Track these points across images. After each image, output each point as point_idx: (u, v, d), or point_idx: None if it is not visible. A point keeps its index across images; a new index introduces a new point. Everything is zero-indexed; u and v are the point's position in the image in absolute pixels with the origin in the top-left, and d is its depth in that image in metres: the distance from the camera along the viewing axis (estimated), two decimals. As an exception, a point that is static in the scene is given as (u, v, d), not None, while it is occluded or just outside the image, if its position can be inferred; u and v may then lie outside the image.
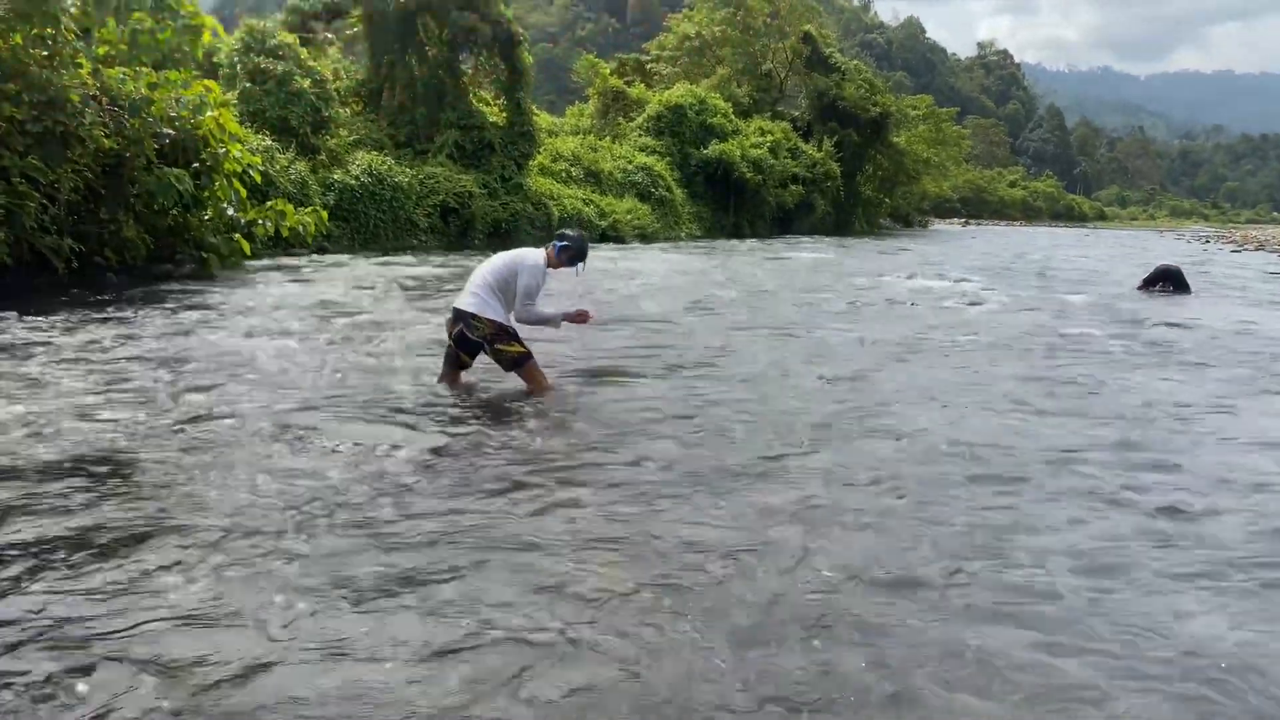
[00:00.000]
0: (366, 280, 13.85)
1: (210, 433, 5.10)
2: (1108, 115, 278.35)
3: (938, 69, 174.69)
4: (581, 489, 4.42)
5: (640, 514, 4.09)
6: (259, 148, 18.50)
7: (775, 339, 9.34)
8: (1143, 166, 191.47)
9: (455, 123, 26.58)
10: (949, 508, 4.28)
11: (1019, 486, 4.65)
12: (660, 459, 4.91)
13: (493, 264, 6.16)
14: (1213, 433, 5.87)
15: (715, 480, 4.58)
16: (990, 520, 4.14)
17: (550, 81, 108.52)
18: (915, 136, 58.25)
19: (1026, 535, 3.98)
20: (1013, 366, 8.08)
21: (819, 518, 4.10)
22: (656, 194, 34.06)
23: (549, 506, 4.14)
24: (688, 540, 3.79)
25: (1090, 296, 14.53)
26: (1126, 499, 4.49)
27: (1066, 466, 4.99)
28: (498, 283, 6.04)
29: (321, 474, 4.46)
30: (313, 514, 3.92)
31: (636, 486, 4.47)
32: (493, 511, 4.06)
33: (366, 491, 4.23)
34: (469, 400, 6.11)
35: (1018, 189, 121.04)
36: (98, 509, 3.89)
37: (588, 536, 3.81)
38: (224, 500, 4.05)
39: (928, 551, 3.76)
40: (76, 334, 8.02)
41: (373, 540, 3.68)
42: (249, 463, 4.61)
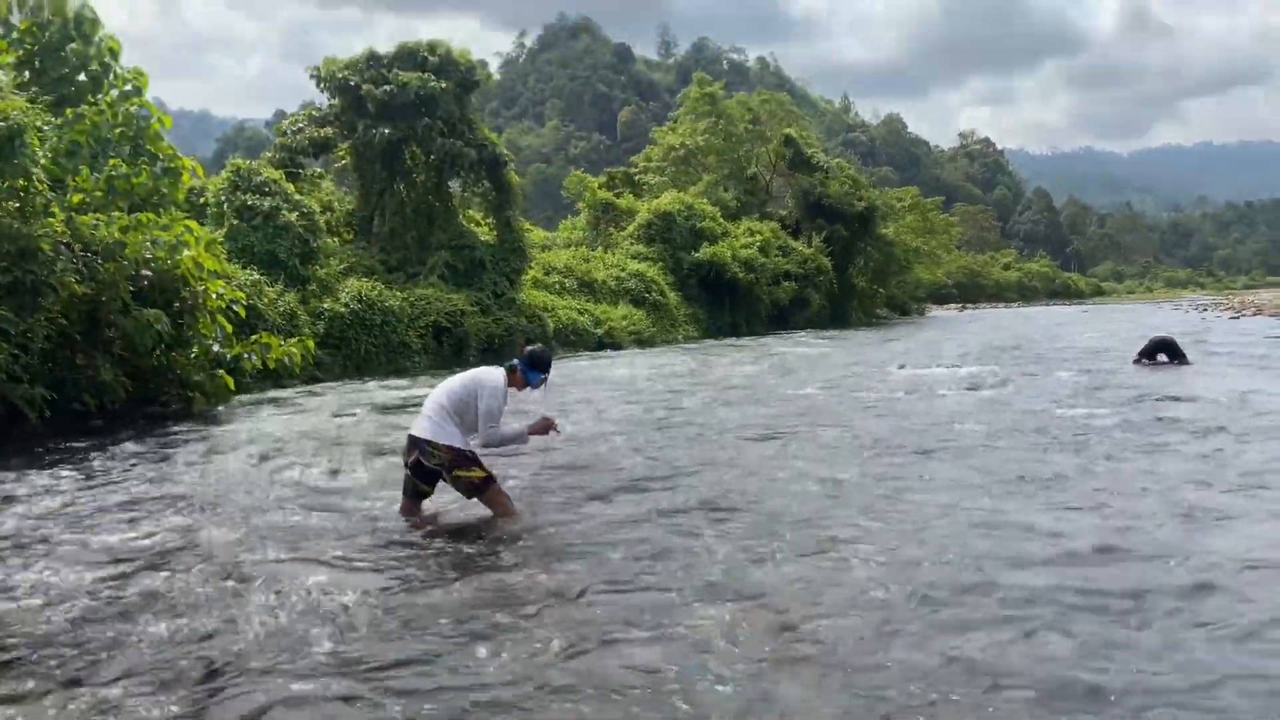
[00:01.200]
0: (350, 408, 13.65)
1: (161, 582, 4.79)
2: (1095, 193, 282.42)
3: (922, 161, 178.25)
4: (547, 631, 4.08)
5: (607, 659, 3.76)
6: (246, 282, 18.56)
7: (770, 438, 9.04)
8: (1134, 241, 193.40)
9: (446, 244, 26.82)
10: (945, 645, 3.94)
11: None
12: (640, 596, 4.58)
13: (449, 386, 5.88)
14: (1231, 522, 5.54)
15: (679, 612, 4.25)
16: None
17: (546, 199, 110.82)
18: (903, 227, 58.87)
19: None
20: (1015, 458, 7.76)
21: (802, 655, 3.76)
22: (651, 298, 34.17)
23: (514, 649, 3.81)
24: (647, 686, 3.45)
25: (1088, 375, 14.25)
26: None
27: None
28: (454, 406, 5.77)
29: (274, 624, 4.14)
30: (258, 671, 3.59)
31: (601, 626, 4.13)
32: (450, 662, 3.73)
33: (316, 637, 3.91)
34: (430, 532, 5.80)
35: (1012, 271, 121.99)
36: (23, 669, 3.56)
37: (554, 686, 3.48)
38: (165, 653, 3.72)
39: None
40: (33, 484, 7.76)
41: (321, 691, 3.35)
42: (192, 614, 4.29)
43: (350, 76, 26.41)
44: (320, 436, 10.46)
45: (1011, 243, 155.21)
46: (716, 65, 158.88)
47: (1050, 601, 4.13)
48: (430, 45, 27.44)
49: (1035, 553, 4.87)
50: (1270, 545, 4.93)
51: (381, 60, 27.01)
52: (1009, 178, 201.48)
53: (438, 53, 27.28)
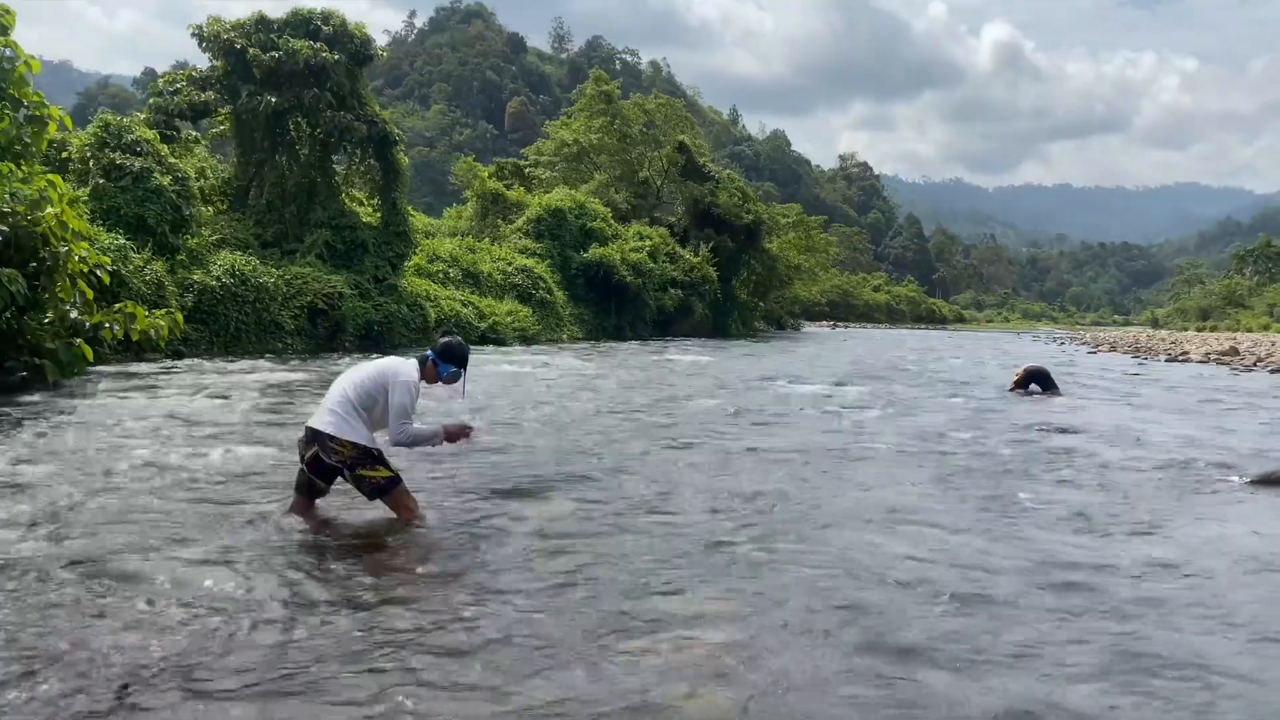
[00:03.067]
0: (219, 388, 12.81)
1: (12, 584, 4.20)
2: (961, 224, 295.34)
3: (803, 179, 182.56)
4: (457, 664, 3.72)
5: (506, 684, 3.43)
6: (110, 247, 17.35)
7: (668, 450, 8.82)
8: (996, 272, 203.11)
9: (326, 222, 25.78)
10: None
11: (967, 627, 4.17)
12: (547, 607, 4.25)
13: (355, 378, 5.37)
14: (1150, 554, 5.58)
15: (600, 634, 3.96)
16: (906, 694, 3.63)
17: (426, 184, 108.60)
18: (786, 243, 60.03)
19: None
20: (913, 478, 7.75)
21: (725, 670, 3.52)
22: (537, 295, 33.72)
23: (419, 677, 3.44)
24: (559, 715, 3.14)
25: (970, 400, 14.60)
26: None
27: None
28: (361, 399, 5.30)
29: (140, 638, 3.65)
30: (118, 692, 3.12)
31: (511, 647, 3.80)
32: (345, 689, 3.33)
33: (193, 660, 3.45)
34: (324, 536, 5.33)
35: (881, 293, 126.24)
36: None
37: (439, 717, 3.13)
38: (14, 675, 3.20)
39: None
40: None
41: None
42: (46, 624, 3.75)
43: (236, 39, 25.07)
44: (190, 418, 9.71)
45: (882, 265, 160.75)
46: (610, 65, 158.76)
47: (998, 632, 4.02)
48: (324, 14, 26.30)
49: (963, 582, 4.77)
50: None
51: (271, 25, 25.74)
52: (884, 202, 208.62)
53: (331, 23, 26.18)
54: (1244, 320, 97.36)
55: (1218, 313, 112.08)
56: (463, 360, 5.55)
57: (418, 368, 5.42)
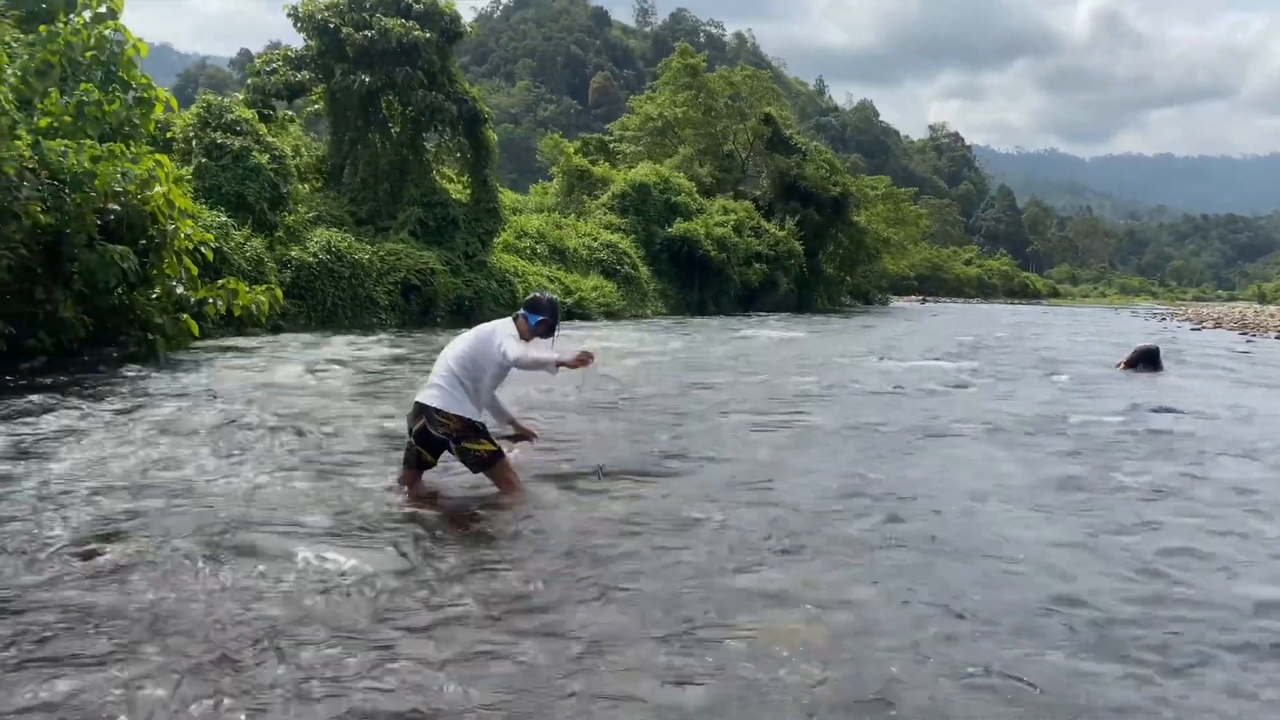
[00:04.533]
0: (319, 362, 13.12)
1: (122, 557, 4.36)
2: (1056, 195, 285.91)
3: (891, 151, 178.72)
4: (559, 638, 3.73)
5: (620, 670, 3.41)
6: (213, 224, 17.87)
7: (757, 428, 8.74)
8: (1092, 245, 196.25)
9: (418, 199, 26.15)
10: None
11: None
12: (651, 590, 4.24)
13: (456, 349, 5.46)
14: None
15: (711, 620, 3.92)
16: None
17: (513, 161, 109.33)
18: (875, 216, 58.96)
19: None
20: (1023, 460, 7.53)
21: (845, 674, 3.45)
22: (622, 271, 33.76)
23: (525, 652, 3.45)
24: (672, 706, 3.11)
25: (1075, 377, 14.14)
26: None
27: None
28: (465, 369, 5.36)
29: (255, 610, 3.74)
30: (244, 664, 3.20)
31: (617, 631, 3.79)
32: (452, 663, 3.36)
33: (309, 636, 3.52)
34: (431, 508, 5.41)
35: (973, 267, 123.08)
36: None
37: (563, 707, 3.13)
38: (130, 652, 3.31)
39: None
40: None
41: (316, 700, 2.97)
42: (164, 598, 3.87)
43: (330, 19, 25.50)
44: (292, 391, 9.97)
45: (973, 238, 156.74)
46: (694, 37, 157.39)
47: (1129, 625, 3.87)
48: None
49: (1083, 568, 4.61)
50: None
51: (364, 4, 26.10)
52: (975, 173, 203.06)
53: (422, 1, 26.42)
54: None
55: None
56: (550, 312, 5.55)
57: (514, 326, 5.47)
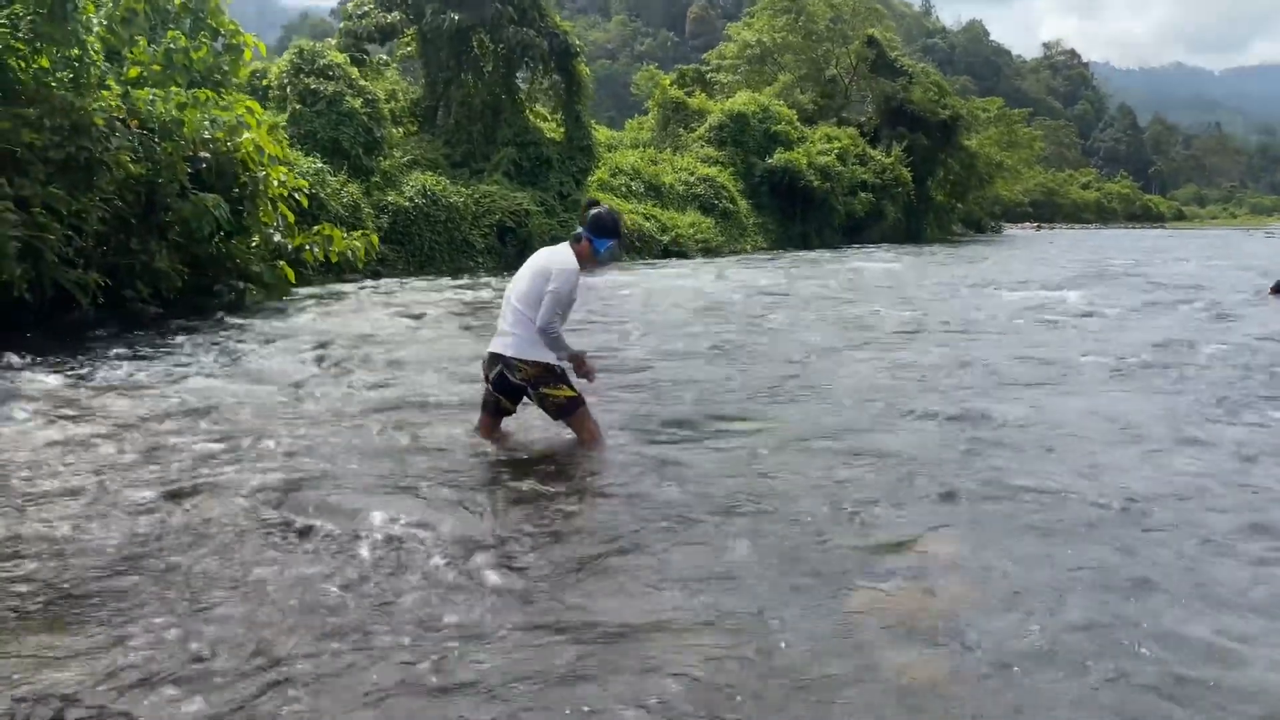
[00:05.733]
0: (416, 307, 12.97)
1: (199, 515, 4.12)
2: (1181, 112, 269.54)
3: (1003, 72, 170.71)
4: (630, 602, 3.32)
5: (731, 633, 2.98)
6: (309, 170, 17.86)
7: (873, 364, 8.16)
8: (1220, 163, 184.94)
9: (512, 140, 25.83)
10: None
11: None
12: (739, 544, 3.80)
13: (520, 287, 5.07)
14: None
15: (827, 575, 3.46)
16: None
17: (610, 98, 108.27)
18: (986, 140, 56.22)
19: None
20: (1158, 400, 6.80)
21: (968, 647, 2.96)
22: (720, 206, 32.92)
23: (625, 606, 3.06)
24: (798, 668, 2.67)
25: (1212, 306, 13.05)
26: None
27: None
28: (532, 307, 4.97)
29: (334, 571, 3.44)
30: (324, 633, 2.89)
31: (701, 584, 3.36)
32: (547, 632, 2.99)
33: (397, 595, 3.19)
34: (512, 458, 5.06)
35: (1091, 191, 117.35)
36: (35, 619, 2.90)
37: (675, 683, 2.72)
38: (201, 621, 3.03)
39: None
40: (74, 376, 7.17)
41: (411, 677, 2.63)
42: (242, 561, 3.60)
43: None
44: (388, 339, 9.79)
45: (1091, 161, 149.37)
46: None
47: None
48: (504, -74, 25.94)
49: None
50: None
51: (452, -59, 25.62)
52: (1093, 92, 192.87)
53: (511, -65, 25.80)
54: None
55: None
56: (615, 231, 5.15)
57: (575, 255, 5.04)
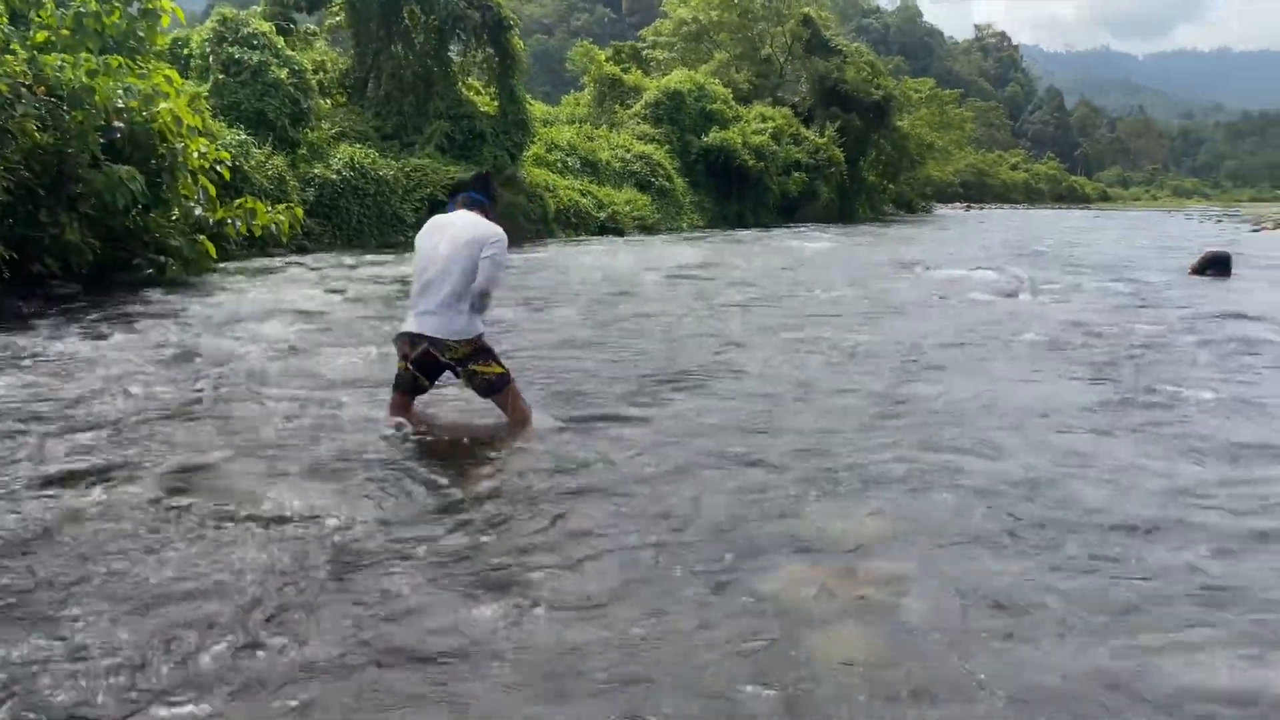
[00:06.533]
0: (342, 283, 12.69)
1: (96, 501, 3.95)
2: (1107, 95, 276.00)
3: (935, 53, 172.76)
4: (582, 582, 3.26)
5: (657, 627, 2.94)
6: (232, 142, 17.33)
7: (795, 345, 8.17)
8: (1144, 146, 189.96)
9: (444, 113, 25.37)
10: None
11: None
12: (667, 526, 3.76)
13: (443, 262, 4.82)
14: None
15: (749, 557, 3.43)
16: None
17: (546, 73, 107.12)
18: (918, 120, 56.99)
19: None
20: (1084, 376, 6.92)
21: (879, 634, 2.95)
22: (656, 183, 32.84)
23: (542, 600, 2.99)
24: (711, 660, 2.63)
25: (1137, 284, 13.35)
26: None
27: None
28: (463, 281, 4.81)
29: (244, 561, 3.31)
30: (230, 625, 2.77)
31: (629, 569, 3.32)
32: (462, 619, 2.91)
33: (309, 585, 3.08)
34: (429, 440, 4.94)
35: (1019, 172, 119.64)
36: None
37: (582, 670, 2.66)
38: (99, 608, 2.89)
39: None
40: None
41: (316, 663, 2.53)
42: (141, 546, 3.45)
43: (348, -76, 24.48)
44: (314, 316, 9.55)
45: (1020, 142, 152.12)
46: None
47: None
48: (434, -105, 25.37)
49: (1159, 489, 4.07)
50: None
51: (382, -93, 25.00)
52: (1022, 74, 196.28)
53: (443, -98, 25.25)
54: None
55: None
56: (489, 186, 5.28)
57: (490, 220, 5.06)
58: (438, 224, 5.04)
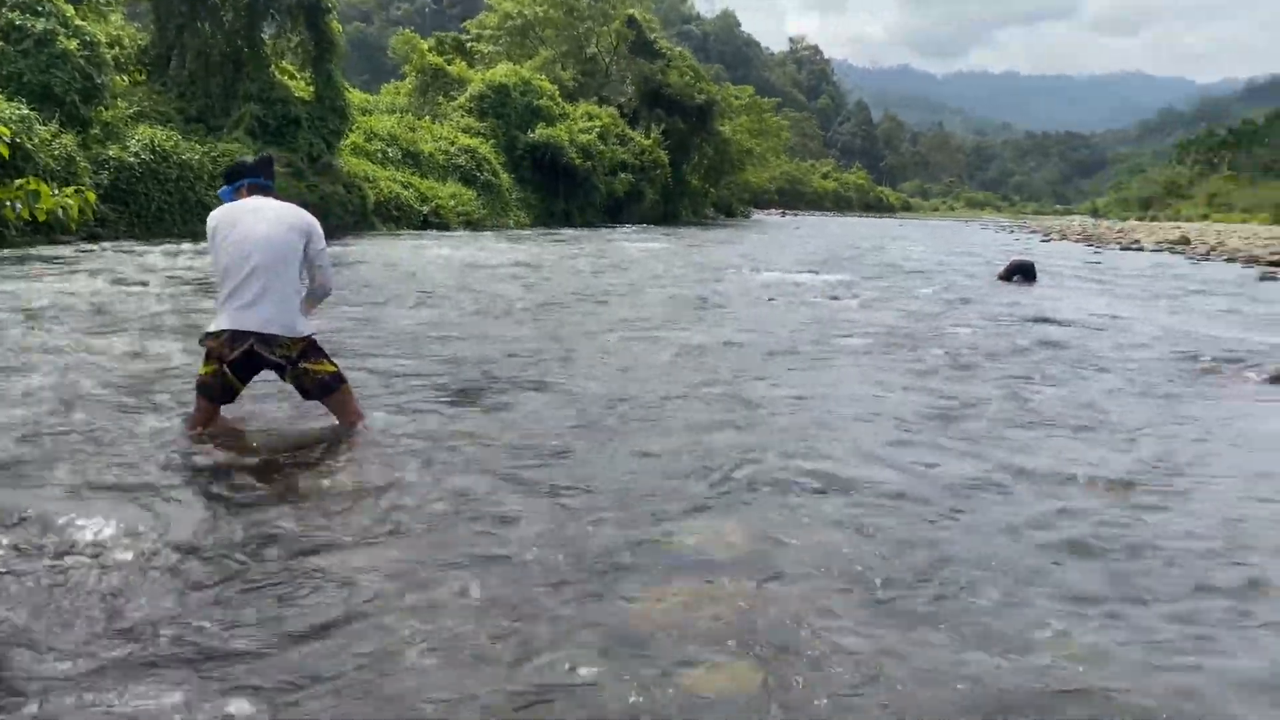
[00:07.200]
0: (138, 273, 11.64)
1: None
2: (909, 111, 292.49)
3: (753, 62, 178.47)
4: (399, 609, 2.91)
5: (471, 660, 2.64)
6: (11, 117, 15.72)
7: (625, 344, 7.99)
8: (943, 160, 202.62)
9: (255, 95, 23.98)
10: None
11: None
12: (515, 539, 3.46)
13: (272, 249, 4.27)
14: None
15: (602, 578, 3.18)
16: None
17: (364, 61, 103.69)
18: (739, 127, 58.39)
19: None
20: (896, 375, 7.05)
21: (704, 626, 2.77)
22: (482, 178, 32.22)
23: (370, 636, 2.63)
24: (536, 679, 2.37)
25: (949, 289, 13.95)
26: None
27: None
28: (295, 274, 4.33)
29: (37, 588, 2.78)
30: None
31: (473, 597, 3.01)
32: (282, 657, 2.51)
33: (80, 618, 2.59)
34: (244, 449, 4.44)
35: (830, 180, 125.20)
36: None
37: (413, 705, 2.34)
38: None
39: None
40: None
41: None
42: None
43: (148, -113, 22.72)
44: (102, 309, 8.64)
45: (830, 152, 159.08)
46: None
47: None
48: None
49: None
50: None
51: (187, -127, 23.36)
52: (833, 87, 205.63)
53: (254, -126, 23.85)
54: (1183, 210, 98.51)
55: (1158, 203, 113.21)
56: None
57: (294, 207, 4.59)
58: (239, 211, 4.41)
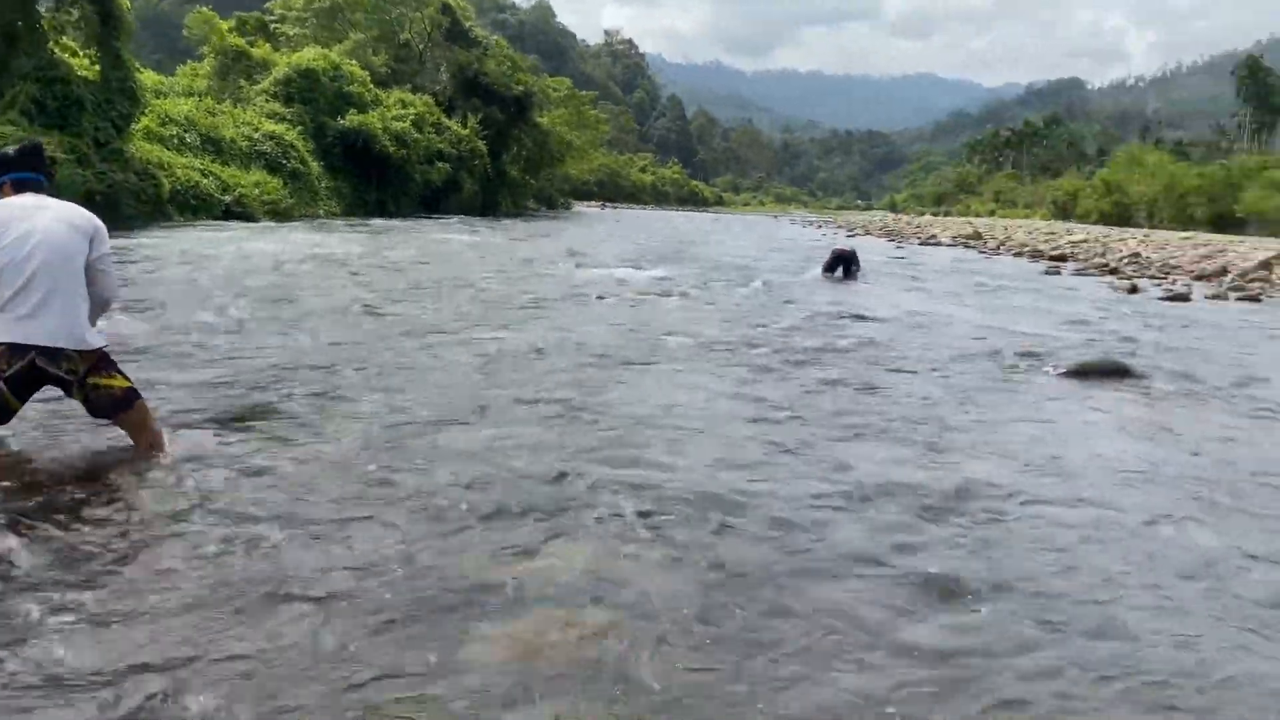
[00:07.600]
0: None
1: None
2: (720, 107, 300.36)
3: (569, 54, 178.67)
4: (198, 655, 2.58)
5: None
6: None
7: (446, 350, 7.64)
8: (753, 156, 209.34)
9: (31, 74, 21.91)
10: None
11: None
12: (349, 577, 3.16)
13: (55, 254, 3.78)
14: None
15: (441, 612, 2.93)
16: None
17: (156, 39, 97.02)
18: (557, 119, 58.21)
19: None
20: (736, 379, 7.06)
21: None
22: (289, 166, 30.70)
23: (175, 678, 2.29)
24: None
25: (771, 285, 14.24)
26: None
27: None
28: (81, 281, 3.85)
29: None
30: None
31: (298, 633, 2.71)
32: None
33: None
34: (22, 478, 3.91)
35: (648, 174, 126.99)
36: None
37: None
38: None
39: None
40: None
41: None
42: None
43: None
44: None
45: (647, 146, 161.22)
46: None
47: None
48: None
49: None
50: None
51: None
52: (648, 82, 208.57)
53: None
54: (973, 205, 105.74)
55: (950, 198, 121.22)
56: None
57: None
58: (9, 210, 3.85)
